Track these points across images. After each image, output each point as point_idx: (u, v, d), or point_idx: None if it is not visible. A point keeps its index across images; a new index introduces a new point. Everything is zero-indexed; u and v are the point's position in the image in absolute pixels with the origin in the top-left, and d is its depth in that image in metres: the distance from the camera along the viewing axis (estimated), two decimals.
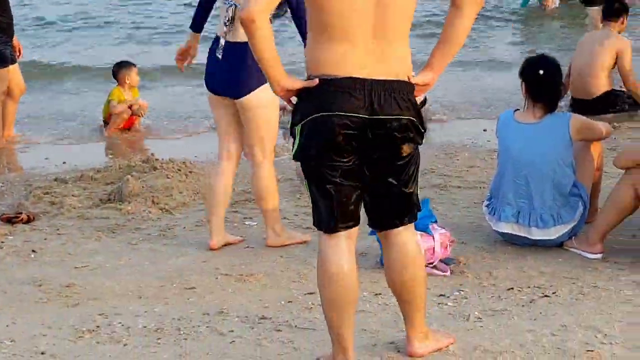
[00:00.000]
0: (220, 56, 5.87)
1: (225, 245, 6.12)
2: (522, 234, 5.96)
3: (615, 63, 9.76)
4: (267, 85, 5.62)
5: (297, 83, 3.99)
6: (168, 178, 7.43)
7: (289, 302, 5.15)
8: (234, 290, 5.36)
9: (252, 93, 5.81)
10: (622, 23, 9.98)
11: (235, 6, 5.76)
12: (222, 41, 5.88)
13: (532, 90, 5.99)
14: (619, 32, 9.93)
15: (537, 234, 5.93)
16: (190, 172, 7.72)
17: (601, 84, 9.81)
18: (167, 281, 5.52)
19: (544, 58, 6.17)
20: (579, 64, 9.85)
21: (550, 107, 5.98)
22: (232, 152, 6.07)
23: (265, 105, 5.84)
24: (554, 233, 5.92)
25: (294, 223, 6.53)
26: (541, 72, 5.97)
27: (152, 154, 7.84)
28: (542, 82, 5.96)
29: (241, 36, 5.67)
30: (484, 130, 9.36)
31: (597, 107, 9.69)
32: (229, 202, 6.18)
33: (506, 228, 5.98)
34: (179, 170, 7.70)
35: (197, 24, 6.19)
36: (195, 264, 5.82)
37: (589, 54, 9.78)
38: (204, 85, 6.05)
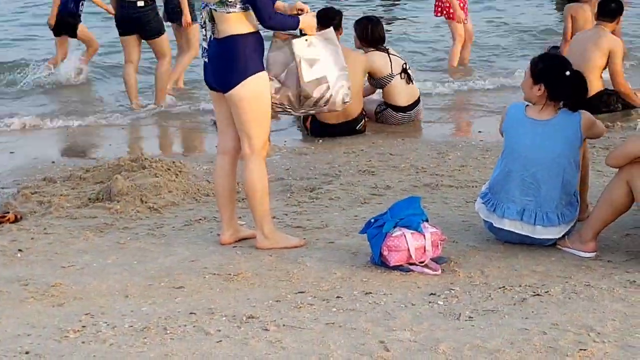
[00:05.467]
0: (207, 59, 5.86)
1: (238, 240, 6.05)
2: (526, 233, 5.82)
3: (607, 63, 9.66)
4: (254, 77, 5.69)
5: None
6: (157, 177, 7.36)
7: (277, 301, 5.09)
8: (221, 290, 5.29)
9: (237, 86, 5.72)
10: (617, 23, 9.86)
11: (208, 7, 5.75)
12: (205, 44, 5.86)
13: (555, 92, 5.78)
14: (612, 32, 9.80)
15: (541, 233, 5.81)
16: (180, 171, 7.65)
17: (594, 84, 9.62)
18: (154, 280, 5.45)
19: (563, 57, 6.00)
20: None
21: (573, 107, 5.82)
22: (228, 147, 6.00)
23: (252, 97, 5.74)
24: (558, 232, 5.81)
25: (284, 222, 6.46)
26: (567, 73, 5.81)
27: (142, 153, 7.75)
28: (569, 83, 5.79)
29: (221, 32, 5.72)
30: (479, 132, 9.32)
31: (591, 107, 9.55)
32: (235, 197, 6.08)
33: (510, 225, 5.84)
34: (169, 169, 7.62)
35: None
36: (184, 263, 5.75)
37: (582, 54, 9.54)
38: None
